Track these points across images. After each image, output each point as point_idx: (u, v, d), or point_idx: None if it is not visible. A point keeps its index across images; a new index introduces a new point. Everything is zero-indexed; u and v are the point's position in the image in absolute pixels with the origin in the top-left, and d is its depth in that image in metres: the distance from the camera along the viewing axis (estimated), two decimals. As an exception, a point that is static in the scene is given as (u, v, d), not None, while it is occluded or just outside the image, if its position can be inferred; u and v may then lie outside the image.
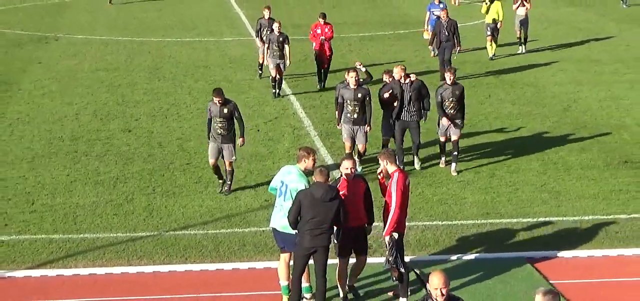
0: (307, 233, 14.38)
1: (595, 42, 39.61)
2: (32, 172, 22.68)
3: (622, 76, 32.84)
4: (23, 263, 17.32)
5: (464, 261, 17.25)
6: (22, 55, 37.77)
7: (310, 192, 14.37)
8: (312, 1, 54.34)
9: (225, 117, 20.35)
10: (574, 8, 50.41)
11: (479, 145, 24.62)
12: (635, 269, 16.89)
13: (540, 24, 44.99)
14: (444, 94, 21.73)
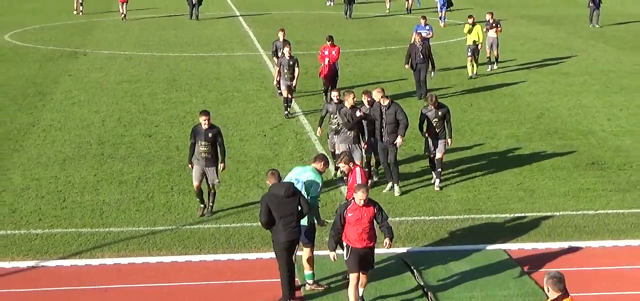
0: (282, 230, 14.49)
1: (566, 57, 39.59)
2: (63, 172, 22.69)
3: (590, 87, 32.84)
4: (55, 254, 17.32)
5: (448, 252, 17.24)
6: (55, 69, 37.77)
7: (273, 194, 14.54)
8: (313, 21, 54.44)
9: (210, 141, 18.80)
10: (546, 26, 50.41)
11: (462, 148, 24.60)
12: (601, 260, 16.91)
13: (517, 40, 45.08)
14: (428, 115, 20.97)
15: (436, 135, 20.91)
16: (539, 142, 25.29)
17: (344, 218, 13.93)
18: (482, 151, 24.38)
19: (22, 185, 21.68)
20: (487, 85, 32.91)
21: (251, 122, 27.69)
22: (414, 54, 30.21)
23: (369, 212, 13.95)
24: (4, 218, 19.30)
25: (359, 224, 13.87)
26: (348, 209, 13.94)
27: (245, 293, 15.36)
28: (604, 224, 18.78)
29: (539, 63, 38.03)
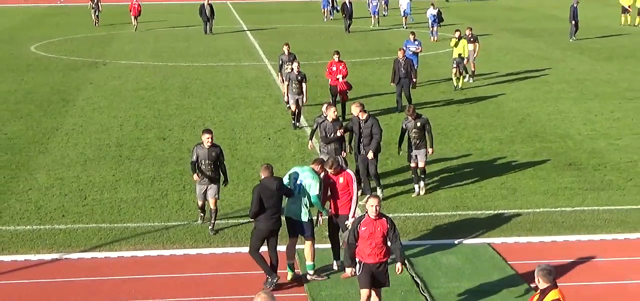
0: (266, 220, 14.83)
1: (545, 67, 39.56)
2: (84, 172, 22.69)
3: (567, 94, 32.84)
4: (77, 247, 17.33)
5: (437, 246, 17.24)
6: (77, 77, 37.78)
7: (265, 186, 14.91)
8: (313, 33, 54.45)
9: (212, 159, 17.56)
10: (528, 38, 50.41)
11: (450, 149, 24.61)
12: (577, 253, 16.89)
13: (501, 51, 45.10)
14: (408, 126, 20.33)
15: (417, 145, 20.23)
16: (520, 144, 25.29)
17: (357, 232, 13.11)
18: (468, 153, 24.38)
19: (46, 184, 21.70)
20: (473, 93, 32.90)
21: (257, 126, 27.68)
22: (397, 69, 29.51)
23: (381, 226, 13.09)
24: (30, 215, 19.32)
25: (371, 238, 13.05)
26: (361, 223, 13.09)
27: (252, 283, 15.34)
28: (580, 220, 18.79)
29: (520, 72, 38.01)
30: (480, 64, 37.83)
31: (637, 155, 23.95)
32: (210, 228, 17.84)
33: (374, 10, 57.66)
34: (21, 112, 30.33)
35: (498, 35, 52.26)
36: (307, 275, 15.54)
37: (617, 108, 30.09)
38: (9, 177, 22.35)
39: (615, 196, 20.44)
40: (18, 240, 17.78)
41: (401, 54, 29.70)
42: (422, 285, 15.26)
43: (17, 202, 20.26)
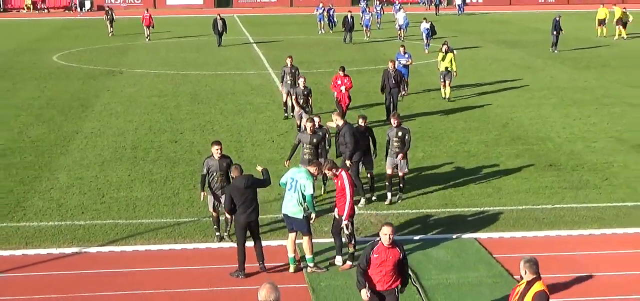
0: (242, 213, 15.24)
1: (528, 75, 39.60)
2: (102, 172, 22.72)
3: (548, 100, 32.86)
4: (95, 241, 17.36)
5: (428, 240, 17.28)
6: (95, 85, 37.81)
7: (235, 185, 15.35)
8: (314, 45, 54.46)
9: (224, 170, 16.62)
10: (512, 49, 50.43)
11: (440, 151, 24.64)
12: (557, 247, 16.98)
13: (487, 60, 45.12)
14: (390, 134, 19.85)
15: (397, 154, 19.59)
16: (504, 146, 25.31)
17: (369, 259, 12.10)
18: (456, 154, 24.40)
19: (67, 183, 21.73)
20: (461, 99, 32.88)
21: (261, 130, 27.71)
22: (387, 80, 28.73)
23: (394, 255, 12.12)
24: (52, 212, 19.35)
25: (383, 266, 12.11)
26: (374, 250, 12.07)
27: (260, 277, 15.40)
28: (559, 216, 18.81)
29: (505, 80, 38.02)
30: (468, 73, 37.91)
31: (612, 156, 23.98)
32: (226, 235, 17.17)
33: (366, 23, 57.59)
34: (44, 117, 30.36)
35: (485, 46, 52.30)
36: (308, 268, 15.59)
37: (593, 114, 30.11)
38: (33, 176, 22.38)
39: (592, 194, 20.47)
40: (41, 235, 17.82)
41: (392, 65, 29.06)
42: (414, 277, 15.30)
43: (40, 200, 20.30)
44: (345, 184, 15.68)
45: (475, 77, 38.13)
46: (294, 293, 14.60)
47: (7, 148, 25.64)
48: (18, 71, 42.65)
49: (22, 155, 24.77)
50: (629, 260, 16.33)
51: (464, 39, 55.96)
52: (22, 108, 32.09)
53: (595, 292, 14.80)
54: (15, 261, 16.34)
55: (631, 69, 41.40)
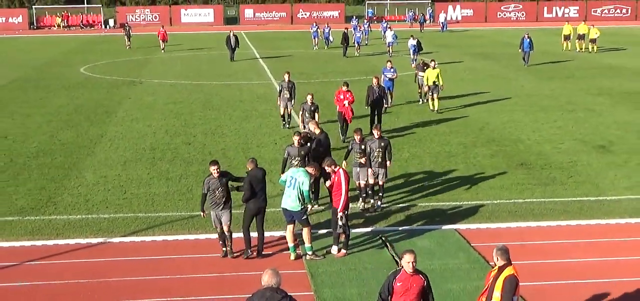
0: (254, 202, 15.62)
1: (501, 84, 39.65)
2: (124, 171, 22.71)
3: (519, 107, 32.88)
4: (118, 232, 17.36)
5: (414, 230, 17.29)
6: (118, 93, 37.81)
7: (253, 175, 15.71)
8: (312, 58, 54.51)
9: (224, 185, 15.49)
10: (487, 61, 50.48)
11: (423, 152, 24.63)
12: (528, 237, 17.01)
13: (466, 71, 45.17)
14: (372, 146, 18.51)
15: (379, 164, 18.53)
16: (481, 147, 25.32)
17: (391, 287, 10.83)
18: (438, 155, 24.40)
19: (93, 181, 21.72)
20: (443, 106, 32.86)
21: (265, 133, 27.71)
22: (371, 94, 27.34)
23: (417, 283, 10.78)
24: (80, 206, 19.34)
25: (406, 295, 10.76)
26: (397, 278, 10.79)
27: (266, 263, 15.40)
28: (530, 210, 18.83)
29: (481, 88, 38.06)
30: (449, 83, 37.84)
31: (576, 156, 24.00)
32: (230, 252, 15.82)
33: (357, 40, 56.97)
34: (72, 122, 30.34)
35: (463, 58, 52.33)
36: (307, 255, 15.61)
37: (559, 118, 30.13)
38: (63, 175, 22.37)
39: (559, 190, 20.48)
40: (70, 227, 17.82)
41: (375, 81, 27.64)
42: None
43: (69, 196, 20.29)
44: (341, 180, 15.72)
45: (455, 86, 38.11)
46: (295, 278, 14.58)
47: (40, 150, 25.63)
48: (50, 82, 42.66)
49: (53, 156, 24.76)
50: (591, 248, 16.34)
51: (446, 52, 55.99)
52: (53, 115, 32.08)
53: (562, 277, 14.80)
54: (47, 251, 16.33)
55: (592, 79, 41.46)
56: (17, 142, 26.87)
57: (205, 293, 14.21)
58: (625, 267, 15.25)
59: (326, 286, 14.36)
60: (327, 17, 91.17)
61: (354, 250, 16.05)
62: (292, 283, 13.92)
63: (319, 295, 13.99)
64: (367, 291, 14.08)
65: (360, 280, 14.63)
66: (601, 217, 18.31)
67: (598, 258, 15.75)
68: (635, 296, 13.90)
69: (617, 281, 14.51)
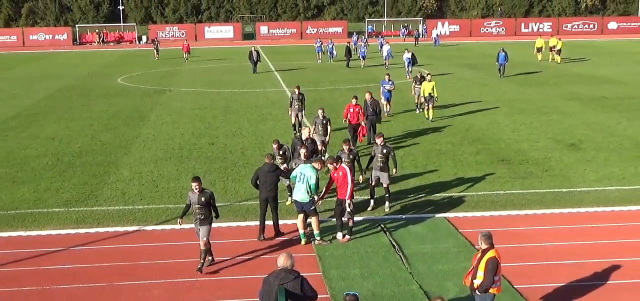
0: (263, 191, 15.81)
1: (485, 91, 39.58)
2: (156, 168, 22.74)
3: (500, 110, 32.81)
4: (151, 221, 17.38)
5: (409, 218, 17.25)
6: (150, 100, 37.86)
7: (262, 169, 15.90)
8: (319, 69, 54.46)
9: (203, 204, 14.11)
10: (472, 70, 50.36)
11: (417, 150, 24.62)
12: (508, 223, 16.97)
13: (454, 80, 45.03)
14: (376, 151, 18.06)
15: (381, 168, 17.97)
16: (467, 146, 25.28)
17: None
18: (430, 152, 24.37)
19: (129, 176, 21.76)
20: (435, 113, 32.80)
21: (279, 134, 27.63)
22: (366, 108, 25.38)
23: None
24: (118, 198, 19.38)
25: None
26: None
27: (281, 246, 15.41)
28: (510, 200, 18.78)
29: (467, 95, 38.02)
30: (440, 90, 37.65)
31: (550, 153, 23.94)
32: (199, 266, 14.23)
33: (362, 55, 54.96)
34: (111, 126, 30.41)
35: (452, 69, 52.23)
36: (316, 241, 15.60)
37: (535, 120, 30.06)
38: (103, 172, 22.41)
39: (535, 182, 20.43)
40: (109, 216, 17.85)
41: (368, 96, 25.65)
42: (398, 247, 15.29)
43: (109, 190, 20.32)
44: (346, 173, 15.70)
45: (446, 93, 38.02)
46: (305, 260, 14.58)
47: (83, 150, 25.69)
48: (91, 91, 42.75)
49: (94, 155, 24.81)
50: (564, 233, 16.30)
51: (438, 64, 55.89)
52: (94, 119, 32.15)
53: (538, 259, 14.76)
54: (90, 237, 16.37)
55: (563, 85, 41.34)
56: (63, 143, 26.94)
57: (225, 274, 14.21)
58: (594, 249, 15.21)
59: (332, 267, 14.35)
60: (332, 32, 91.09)
61: (356, 236, 16.03)
62: (303, 265, 13.92)
63: (326, 275, 13.98)
64: (367, 271, 14.08)
65: (362, 262, 14.62)
66: (572, 206, 18.28)
67: (570, 242, 15.71)
68: (603, 275, 13.87)
69: (587, 262, 14.48)
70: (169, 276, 14.09)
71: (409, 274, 13.97)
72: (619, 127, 28.34)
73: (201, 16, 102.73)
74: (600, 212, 17.84)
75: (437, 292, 13.10)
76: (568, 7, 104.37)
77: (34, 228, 17.06)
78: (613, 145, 25.21)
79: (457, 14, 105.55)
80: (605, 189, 19.73)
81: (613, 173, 21.31)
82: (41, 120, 32.20)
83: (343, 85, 42.84)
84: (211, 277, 14.01)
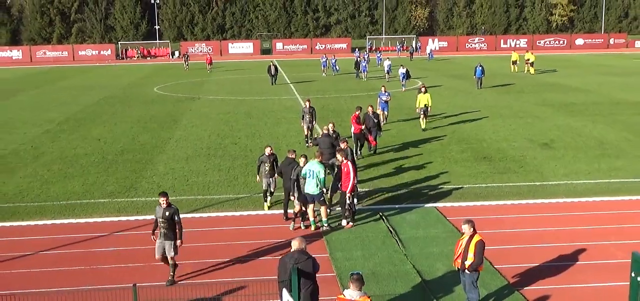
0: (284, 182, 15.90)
1: (469, 98, 39.47)
2: (187, 164, 22.77)
3: (482, 115, 32.71)
4: (183, 210, 17.26)
5: (403, 208, 17.21)
6: (181, 107, 37.91)
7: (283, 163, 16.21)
8: (328, 80, 54.39)
9: (167, 219, 12.55)
10: (458, 80, 50.19)
11: (409, 149, 24.58)
12: (489, 212, 16.90)
13: (442, 88, 44.88)
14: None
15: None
16: (454, 145, 25.21)
17: None
18: (422, 151, 24.31)
19: (163, 171, 21.80)
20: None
21: (292, 136, 27.70)
22: (368, 120, 23.83)
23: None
24: (154, 190, 19.41)
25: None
26: None
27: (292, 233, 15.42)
28: (491, 192, 18.73)
29: (454, 101, 37.91)
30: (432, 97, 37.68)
31: (526, 152, 23.86)
32: (168, 280, 12.74)
33: (364, 69, 53.23)
34: (148, 128, 30.47)
35: (440, 80, 52.06)
36: (324, 227, 15.60)
37: (513, 123, 29.96)
38: (141, 168, 22.47)
39: (513, 177, 20.36)
40: (146, 206, 17.89)
41: (370, 110, 24.23)
42: (394, 232, 15.27)
43: (146, 183, 20.37)
44: (350, 169, 15.70)
45: (435, 101, 37.86)
46: (315, 244, 14.59)
47: (125, 149, 25.76)
48: (132, 98, 42.85)
49: (134, 153, 24.88)
50: (538, 220, 16.25)
51: (431, 75, 55.76)
52: (134, 122, 32.23)
53: (515, 242, 14.72)
54: (130, 224, 16.42)
55: (537, 93, 41.17)
56: (107, 143, 27.02)
57: (249, 255, 14.23)
58: (563, 234, 15.16)
59: (338, 250, 14.35)
60: (337, 48, 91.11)
61: (358, 222, 16.03)
62: (313, 248, 13.96)
63: (333, 256, 13.99)
64: (368, 253, 14.07)
65: (364, 245, 14.62)
66: (545, 197, 18.21)
67: (542, 228, 15.66)
68: (571, 257, 13.83)
69: (557, 245, 14.45)
70: (198, 257, 14.12)
71: (404, 255, 13.96)
72: (585, 129, 28.22)
73: (225, 34, 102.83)
74: (569, 202, 17.78)
75: (428, 271, 13.10)
76: (541, 26, 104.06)
77: (82, 216, 17.13)
78: (580, 144, 25.10)
79: (445, 32, 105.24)
80: (573, 182, 19.66)
81: (580, 169, 21.23)
82: (89, 124, 32.30)
83: (347, 93, 42.80)
84: (232, 257, 14.03)
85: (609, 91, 41.68)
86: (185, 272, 13.30)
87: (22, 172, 22.17)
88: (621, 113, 32.35)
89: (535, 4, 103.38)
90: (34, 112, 37.33)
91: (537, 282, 12.57)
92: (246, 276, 13.05)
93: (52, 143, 27.30)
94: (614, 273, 12.94)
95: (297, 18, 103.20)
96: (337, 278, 12.82)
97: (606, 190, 18.79)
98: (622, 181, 19.70)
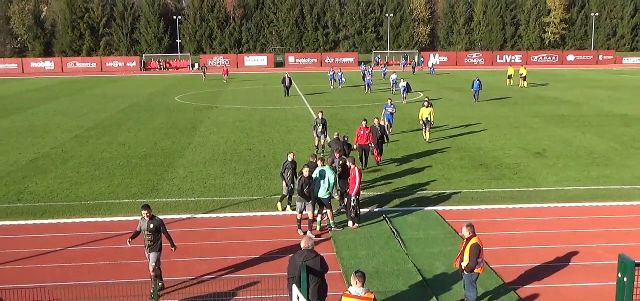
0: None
1: (467, 109, 39.34)
2: (205, 168, 22.79)
3: (480, 125, 32.59)
4: (201, 211, 17.42)
5: (406, 210, 17.15)
6: (200, 115, 37.99)
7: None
8: (336, 91, 54.34)
9: (151, 230, 11.85)
10: (457, 93, 50.05)
11: (412, 157, 24.50)
12: (486, 216, 16.80)
13: (442, 101, 44.77)
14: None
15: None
16: (453, 153, 25.12)
17: None
18: (422, 159, 24.24)
19: (183, 175, 21.83)
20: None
21: (303, 142, 27.69)
22: (374, 132, 22.98)
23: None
24: (174, 192, 19.45)
25: None
26: None
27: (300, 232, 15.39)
28: (487, 196, 18.64)
29: (453, 113, 37.81)
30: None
31: (520, 159, 23.74)
32: (151, 292, 11.57)
33: (368, 83, 52.33)
34: (169, 134, 30.55)
35: (441, 92, 51.95)
36: (331, 228, 15.57)
37: (508, 133, 29.83)
38: (162, 171, 22.51)
39: (508, 183, 20.27)
40: (167, 206, 17.91)
41: (377, 122, 23.55)
42: (397, 233, 15.22)
43: (167, 185, 20.40)
44: (356, 174, 15.67)
45: (436, 113, 37.60)
46: (323, 243, 14.57)
47: (147, 153, 25.83)
48: (154, 106, 42.99)
49: (156, 157, 24.94)
50: (531, 223, 16.15)
51: (432, 88, 55.65)
52: (156, 129, 32.32)
53: (510, 244, 14.64)
54: (151, 223, 16.42)
55: (530, 105, 41.01)
56: (131, 148, 27.11)
57: (261, 253, 14.22)
58: (555, 237, 15.06)
59: (344, 249, 14.31)
60: (345, 62, 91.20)
61: (363, 224, 15.99)
62: (321, 247, 13.92)
63: (339, 254, 13.95)
64: (372, 252, 14.02)
65: (368, 245, 14.57)
66: (538, 202, 18.10)
67: (535, 231, 15.57)
68: (563, 258, 13.73)
69: (549, 247, 14.35)
70: (215, 254, 14.12)
71: (406, 255, 13.91)
72: (576, 139, 28.07)
73: (242, 48, 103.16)
74: (560, 207, 17.67)
75: (428, 270, 13.04)
76: (535, 42, 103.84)
77: (108, 215, 17.17)
78: (571, 153, 24.96)
79: (445, 47, 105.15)
80: (564, 188, 19.54)
81: (570, 176, 21.10)
82: (114, 130, 32.43)
83: (354, 103, 42.75)
84: (247, 256, 14.02)
85: (597, 104, 41.47)
86: (202, 268, 13.31)
87: (52, 174, 22.28)
88: (609, 125, 32.17)
89: (529, 22, 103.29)
90: (65, 118, 37.53)
91: (530, 282, 12.49)
92: (259, 272, 13.04)
93: (81, 148, 27.42)
94: (602, 273, 12.85)
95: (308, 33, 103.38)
96: (343, 276, 12.78)
97: (595, 196, 18.67)
98: (610, 188, 19.57)
